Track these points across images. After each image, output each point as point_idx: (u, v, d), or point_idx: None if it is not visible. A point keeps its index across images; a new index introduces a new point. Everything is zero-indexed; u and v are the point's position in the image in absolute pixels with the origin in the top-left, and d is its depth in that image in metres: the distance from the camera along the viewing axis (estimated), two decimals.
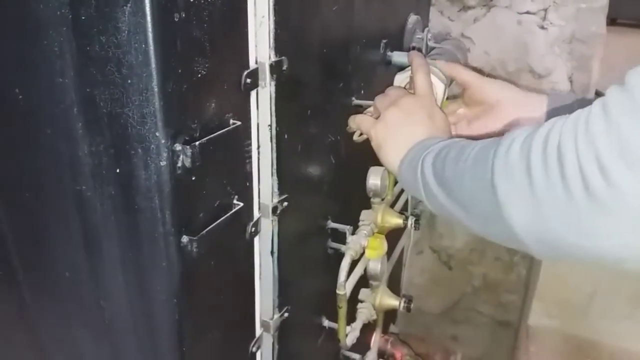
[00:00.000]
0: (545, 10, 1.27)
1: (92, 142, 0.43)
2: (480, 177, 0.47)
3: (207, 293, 0.51)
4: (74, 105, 0.42)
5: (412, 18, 0.98)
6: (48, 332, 0.57)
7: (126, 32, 0.38)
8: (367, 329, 1.06)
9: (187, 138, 0.43)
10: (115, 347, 0.53)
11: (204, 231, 0.46)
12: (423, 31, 0.99)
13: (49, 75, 0.42)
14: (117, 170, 0.43)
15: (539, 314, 1.13)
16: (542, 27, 1.28)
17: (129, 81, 0.39)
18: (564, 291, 1.11)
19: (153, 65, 0.38)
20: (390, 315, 1.36)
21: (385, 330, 1.31)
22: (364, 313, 0.84)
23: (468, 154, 0.50)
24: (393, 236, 1.06)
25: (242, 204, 0.51)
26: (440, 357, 1.64)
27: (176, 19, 0.39)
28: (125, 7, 0.37)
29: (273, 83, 0.53)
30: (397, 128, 0.63)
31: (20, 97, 0.44)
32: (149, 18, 0.37)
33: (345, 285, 0.71)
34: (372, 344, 1.01)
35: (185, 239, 0.45)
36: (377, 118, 0.66)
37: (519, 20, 1.27)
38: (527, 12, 1.27)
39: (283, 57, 0.54)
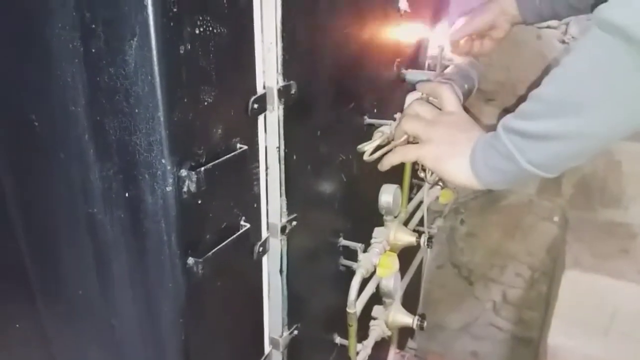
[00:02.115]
0: (567, 24, 1.26)
1: (102, 167, 0.45)
2: (597, 49, 0.47)
3: (214, 312, 0.52)
4: (85, 132, 0.44)
5: (429, 35, 0.98)
6: (62, 349, 0.59)
7: (133, 64, 0.39)
8: (383, 344, 1.06)
9: (192, 164, 0.44)
10: None
11: (210, 253, 0.47)
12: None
13: (62, 103, 0.44)
14: (126, 195, 0.45)
15: (557, 332, 1.10)
16: (563, 42, 1.27)
17: (137, 110, 0.41)
18: (584, 311, 1.09)
19: (159, 96, 0.40)
20: (408, 330, 1.36)
21: (402, 346, 1.30)
22: (377, 330, 0.84)
23: (561, 65, 0.51)
24: (409, 252, 1.06)
25: (249, 225, 0.53)
26: None
27: (182, 51, 0.41)
28: (132, 42, 0.39)
29: (281, 107, 0.54)
30: (452, 139, 0.64)
31: (36, 123, 0.47)
32: (154, 52, 0.38)
33: (355, 304, 0.71)
34: None
35: (191, 260, 0.46)
36: (405, 138, 0.68)
37: (539, 34, 1.26)
38: (548, 27, 1.26)
39: (291, 82, 0.55)
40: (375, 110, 0.80)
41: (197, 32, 0.42)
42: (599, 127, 0.50)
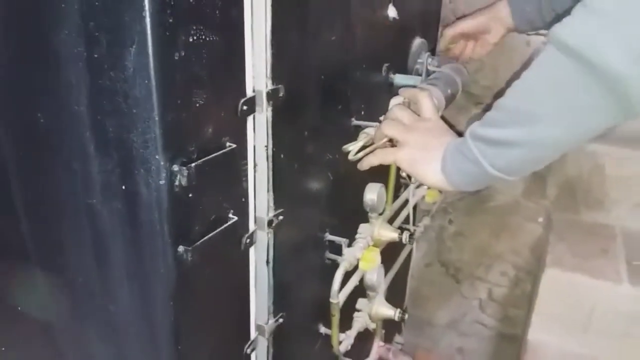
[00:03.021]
0: None
1: (101, 162, 0.49)
2: (551, 64, 0.51)
3: (202, 297, 0.56)
4: (87, 130, 0.48)
5: (417, 41, 1.02)
6: (63, 333, 0.63)
7: (132, 69, 0.44)
8: (369, 337, 1.10)
9: (184, 160, 0.48)
10: (120, 347, 0.59)
11: (199, 242, 0.52)
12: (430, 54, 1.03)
13: (66, 103, 0.48)
14: (123, 187, 0.49)
15: (537, 328, 1.15)
16: None
17: (134, 111, 0.45)
18: (563, 308, 1.13)
19: (154, 98, 0.44)
20: (395, 325, 1.40)
21: (389, 340, 1.34)
22: (360, 322, 0.88)
23: (520, 80, 0.55)
24: (395, 249, 1.10)
25: (236, 218, 0.57)
26: None
27: (176, 57, 0.45)
28: (131, 48, 0.43)
29: (270, 108, 0.58)
30: (426, 145, 0.69)
31: (42, 120, 0.51)
32: (151, 58, 0.43)
33: (338, 295, 0.76)
34: (371, 352, 1.06)
35: (181, 248, 0.50)
36: (386, 140, 0.73)
37: (528, 41, 1.29)
38: (537, 33, 1.30)
39: (280, 86, 0.59)
40: (362, 113, 0.84)
41: (190, 40, 0.46)
42: (553, 137, 0.54)
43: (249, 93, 0.56)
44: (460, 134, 0.66)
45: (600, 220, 1.31)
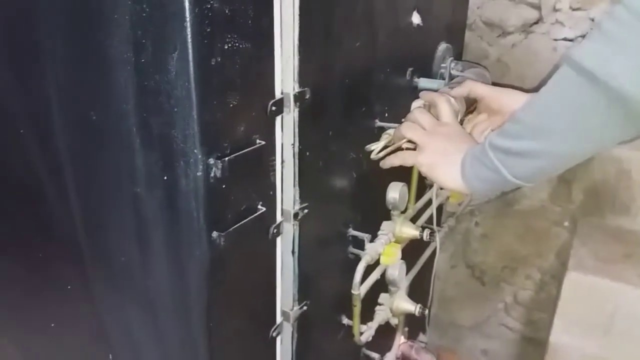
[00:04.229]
0: (583, 36, 1.31)
1: (146, 155, 0.55)
2: (566, 82, 0.54)
3: (232, 279, 0.62)
4: (133, 126, 0.54)
5: (442, 46, 1.06)
6: (105, 307, 0.70)
7: (174, 72, 0.50)
8: (392, 333, 1.14)
9: (219, 154, 0.54)
10: (156, 322, 0.65)
11: (231, 229, 0.57)
12: (453, 58, 1.07)
13: (116, 102, 0.54)
14: (164, 178, 0.55)
15: (559, 331, 1.17)
16: None
17: (175, 110, 0.51)
18: (585, 311, 1.15)
19: (193, 98, 0.50)
20: (420, 325, 1.43)
21: (413, 339, 1.38)
22: (381, 315, 0.92)
23: (537, 95, 0.58)
24: (417, 249, 1.14)
25: (264, 209, 0.62)
26: None
27: (213, 63, 0.51)
28: (173, 55, 0.49)
29: (296, 110, 0.64)
30: (445, 150, 0.73)
31: (94, 117, 0.57)
32: (191, 63, 0.48)
33: (359, 287, 0.80)
34: (393, 347, 1.09)
35: (215, 234, 0.56)
36: (405, 141, 0.77)
37: (554, 47, 1.31)
38: (564, 39, 1.32)
39: (306, 89, 0.64)
40: (386, 114, 0.88)
41: (226, 47, 0.52)
42: (567, 149, 0.58)
43: (278, 95, 0.61)
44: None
45: (626, 225, 1.32)
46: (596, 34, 0.51)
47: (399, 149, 0.80)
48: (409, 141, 0.78)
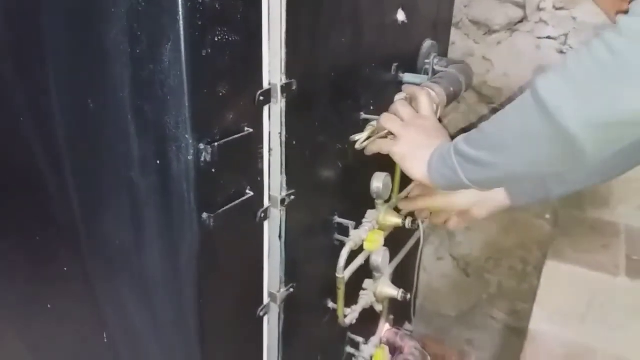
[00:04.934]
0: (566, 35, 1.35)
1: (140, 141, 0.59)
2: (524, 105, 0.59)
3: (222, 259, 0.65)
4: (128, 113, 0.58)
5: (427, 43, 1.10)
6: (101, 288, 0.73)
7: (167, 62, 0.53)
8: (377, 320, 1.18)
9: (209, 140, 0.58)
10: (150, 301, 0.68)
11: (220, 211, 0.61)
12: (438, 55, 1.11)
13: (113, 91, 0.58)
14: (158, 162, 0.59)
15: (538, 319, 1.21)
16: (561, 52, 1.36)
17: (168, 98, 0.55)
18: (563, 298, 1.19)
19: (185, 87, 0.53)
20: (406, 314, 1.48)
21: (398, 327, 1.42)
22: (365, 299, 0.96)
23: (503, 110, 0.63)
24: (403, 239, 1.18)
25: (252, 194, 0.66)
26: (455, 359, 1.73)
27: (204, 54, 0.54)
28: (167, 45, 0.52)
29: (284, 100, 0.67)
30: (417, 143, 0.78)
31: (92, 105, 0.61)
32: (183, 54, 0.52)
33: (343, 270, 0.84)
34: (377, 332, 1.14)
35: (205, 215, 0.60)
36: (386, 135, 0.81)
37: (538, 45, 1.35)
38: (548, 37, 1.36)
39: (293, 80, 0.68)
40: (371, 107, 0.92)
41: (216, 39, 0.55)
42: (514, 168, 0.64)
43: (265, 86, 0.65)
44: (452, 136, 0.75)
45: (605, 217, 1.36)
46: (560, 70, 0.56)
47: (382, 139, 0.83)
48: (391, 132, 0.82)
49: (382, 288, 0.98)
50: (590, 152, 0.55)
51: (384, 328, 1.17)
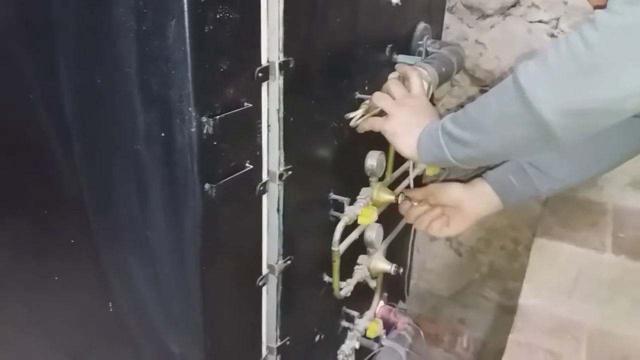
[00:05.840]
0: (557, 19, 1.38)
1: (146, 114, 0.62)
2: (505, 90, 0.63)
3: (223, 229, 0.69)
4: (135, 87, 0.61)
5: (421, 26, 1.13)
6: (108, 259, 0.77)
7: (172, 39, 0.56)
8: (372, 296, 1.22)
9: (211, 113, 0.61)
10: (155, 267, 0.71)
11: (221, 181, 0.64)
12: (431, 37, 1.14)
13: (119, 66, 0.61)
14: (162, 134, 0.62)
15: (527, 294, 1.25)
16: (552, 35, 1.39)
17: (173, 72, 0.58)
18: (551, 274, 1.23)
19: (189, 62, 0.56)
20: (400, 292, 1.52)
21: (392, 304, 1.46)
22: (359, 273, 1.00)
23: (486, 94, 0.67)
24: (397, 218, 1.22)
25: (252, 167, 0.69)
26: (448, 338, 1.78)
27: (206, 31, 0.57)
28: (171, 22, 0.55)
29: (281, 77, 0.70)
30: (408, 121, 0.82)
31: (99, 81, 0.64)
32: (187, 30, 0.55)
33: (338, 244, 0.88)
34: (371, 306, 1.17)
35: (207, 186, 0.63)
36: (379, 113, 0.84)
37: (529, 28, 1.38)
38: (540, 21, 1.39)
39: (290, 58, 0.70)
40: (366, 87, 0.95)
41: (217, 17, 0.58)
42: (493, 148, 0.69)
43: (264, 63, 0.68)
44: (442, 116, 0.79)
45: (593, 198, 1.40)
46: (540, 59, 0.59)
47: (375, 116, 0.87)
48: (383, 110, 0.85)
49: (375, 263, 1.02)
50: (561, 138, 0.59)
51: (378, 304, 1.21)
